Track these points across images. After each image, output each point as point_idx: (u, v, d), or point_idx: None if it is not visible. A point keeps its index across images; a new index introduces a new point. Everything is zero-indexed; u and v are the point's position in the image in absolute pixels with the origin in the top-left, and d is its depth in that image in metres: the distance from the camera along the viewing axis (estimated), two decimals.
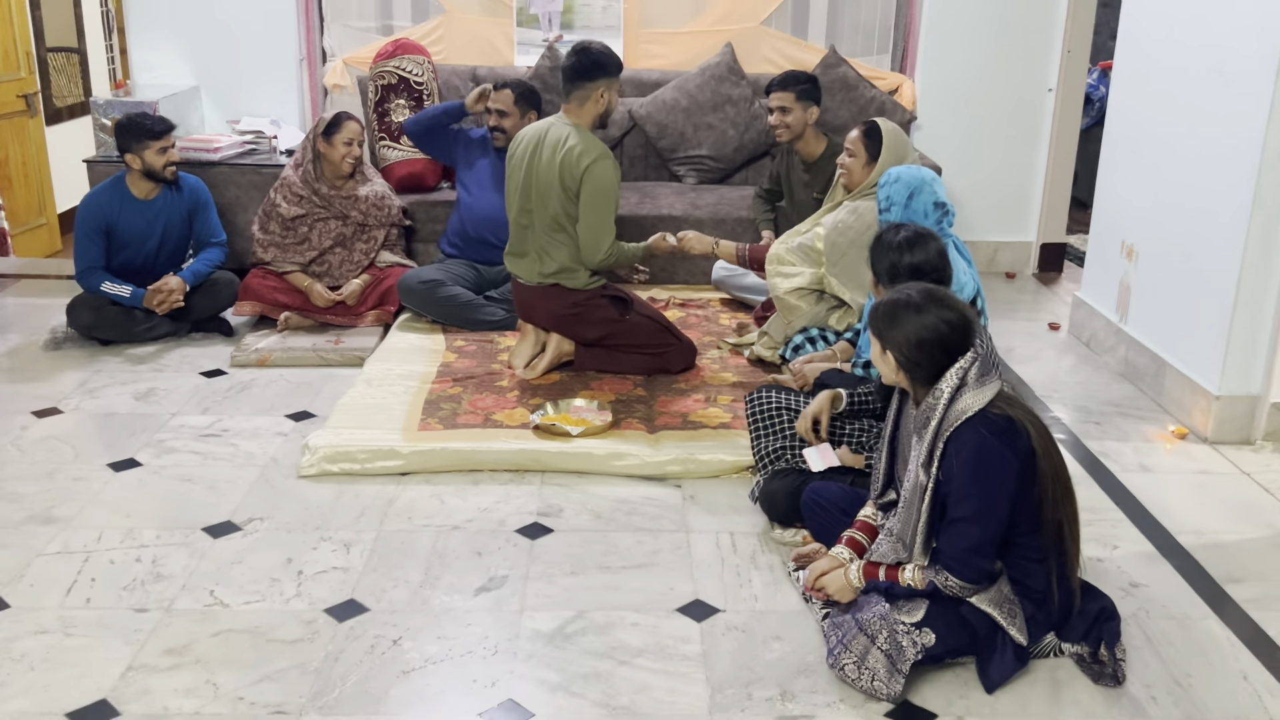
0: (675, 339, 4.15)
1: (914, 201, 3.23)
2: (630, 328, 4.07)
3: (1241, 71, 3.66)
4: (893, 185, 3.29)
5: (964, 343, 2.41)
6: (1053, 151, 5.67)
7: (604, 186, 3.83)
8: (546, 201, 3.88)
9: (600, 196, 3.83)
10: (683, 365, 4.13)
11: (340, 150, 4.58)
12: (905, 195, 3.24)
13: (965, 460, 2.34)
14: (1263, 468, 3.60)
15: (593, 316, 4.04)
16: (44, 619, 2.64)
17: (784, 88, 4.46)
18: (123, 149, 4.39)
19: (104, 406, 3.89)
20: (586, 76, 3.86)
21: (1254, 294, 3.67)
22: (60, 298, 4.83)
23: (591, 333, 4.07)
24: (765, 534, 3.09)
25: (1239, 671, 2.55)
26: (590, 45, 3.92)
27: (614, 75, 3.91)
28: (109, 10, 7.01)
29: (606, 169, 3.82)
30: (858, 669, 2.39)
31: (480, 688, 2.43)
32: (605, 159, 3.82)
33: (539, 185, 3.89)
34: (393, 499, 3.27)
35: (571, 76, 3.88)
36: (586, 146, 3.81)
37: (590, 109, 3.90)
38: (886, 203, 3.29)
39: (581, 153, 3.79)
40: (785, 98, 4.45)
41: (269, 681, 2.43)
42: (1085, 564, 2.90)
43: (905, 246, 2.90)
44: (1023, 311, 5.21)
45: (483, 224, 4.75)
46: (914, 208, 3.22)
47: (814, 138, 4.58)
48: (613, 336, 4.07)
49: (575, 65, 3.87)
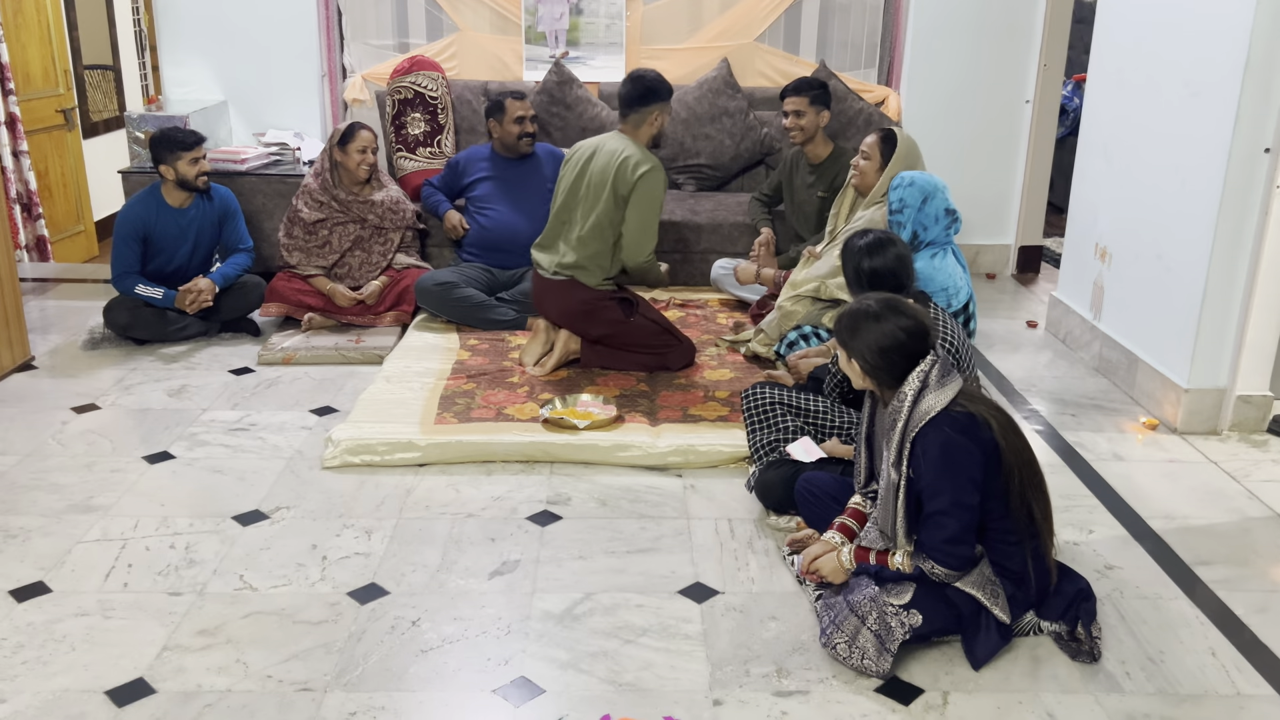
0: (676, 339, 4.14)
1: (928, 206, 3.21)
2: (633, 329, 4.07)
3: (1208, 84, 3.65)
4: (907, 189, 3.26)
5: (922, 347, 2.42)
6: (1030, 159, 5.66)
7: (653, 194, 3.88)
8: (595, 204, 3.91)
9: (649, 203, 3.89)
10: (683, 363, 4.13)
11: (355, 158, 4.58)
12: (919, 199, 3.22)
13: (933, 459, 2.35)
14: (1229, 456, 3.59)
15: (600, 315, 4.04)
16: (84, 602, 2.64)
17: (798, 93, 4.52)
18: (157, 161, 4.38)
19: (139, 402, 3.89)
20: (642, 102, 3.91)
21: (1221, 293, 3.67)
22: (97, 300, 4.83)
23: (596, 330, 4.07)
24: (761, 520, 3.09)
25: (1208, 648, 2.55)
26: (645, 74, 3.97)
27: (666, 99, 3.96)
28: (142, 30, 7.01)
29: (658, 179, 3.88)
30: (849, 648, 2.39)
31: (494, 665, 2.43)
32: (658, 171, 3.88)
33: (590, 187, 3.93)
34: (411, 489, 3.27)
35: (629, 101, 3.93)
36: (642, 158, 3.86)
37: (645, 130, 3.95)
38: (899, 204, 3.26)
39: (638, 163, 3.85)
40: (800, 102, 4.51)
41: (296, 660, 2.43)
42: (1060, 547, 2.91)
43: (866, 252, 2.91)
44: (1002, 310, 5.20)
45: (498, 236, 4.76)
46: (927, 212, 3.20)
47: (823, 141, 4.63)
48: (616, 336, 4.07)
49: (631, 92, 3.92)
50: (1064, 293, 4.76)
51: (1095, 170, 4.48)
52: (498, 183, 4.84)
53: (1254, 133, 3.50)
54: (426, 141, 5.29)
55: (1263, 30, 3.41)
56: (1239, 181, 3.55)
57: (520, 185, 4.85)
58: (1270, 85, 3.45)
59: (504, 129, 4.82)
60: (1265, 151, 3.51)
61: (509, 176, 4.85)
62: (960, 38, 5.51)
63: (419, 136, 5.28)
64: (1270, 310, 3.63)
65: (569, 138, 5.44)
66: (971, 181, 5.62)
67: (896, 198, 3.26)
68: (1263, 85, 3.45)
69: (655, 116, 3.94)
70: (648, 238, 3.95)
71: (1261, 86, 3.45)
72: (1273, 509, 3.24)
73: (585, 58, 5.67)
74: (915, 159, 3.85)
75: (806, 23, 5.75)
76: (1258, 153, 3.51)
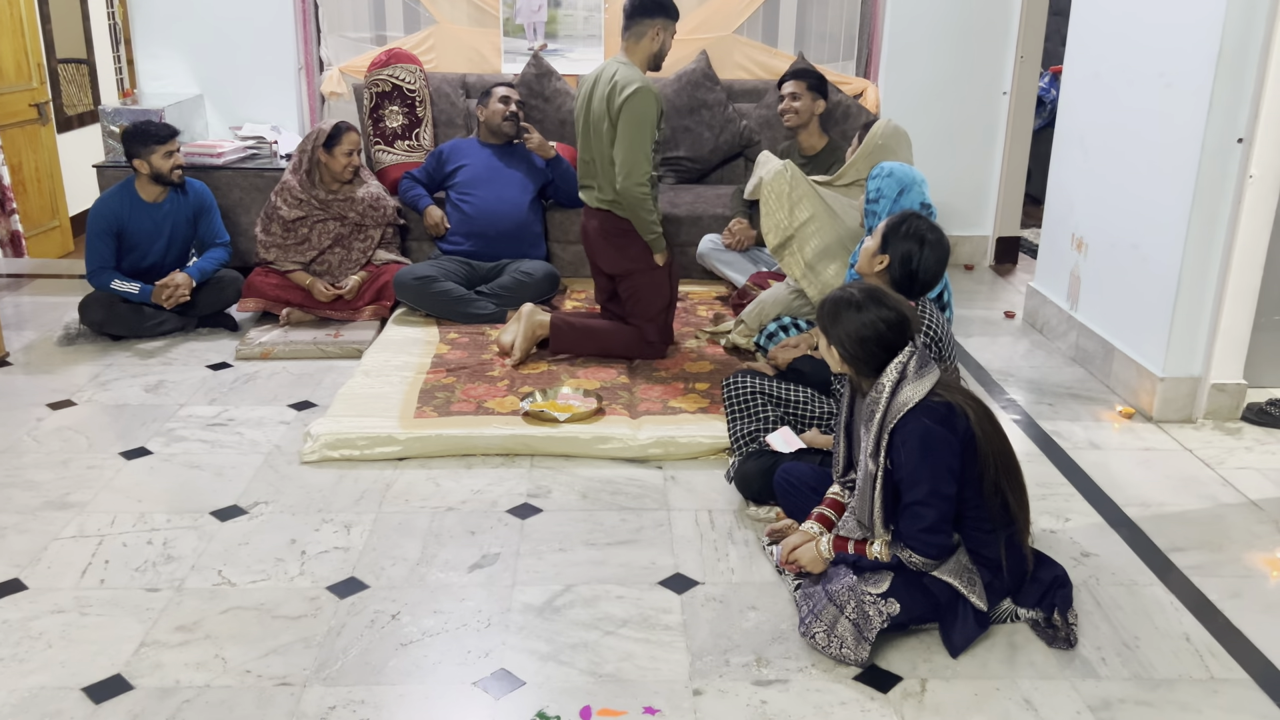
0: (665, 320, 4.09)
1: (904, 198, 3.22)
2: (649, 283, 4.00)
3: (1182, 75, 3.67)
4: (885, 179, 3.27)
5: (901, 339, 2.43)
6: (1007, 151, 5.68)
7: (639, 115, 3.71)
8: (600, 136, 3.84)
9: (635, 124, 3.72)
10: (654, 352, 4.09)
11: (341, 161, 4.56)
12: (896, 190, 3.23)
13: (911, 449, 2.36)
14: (1203, 444, 3.63)
15: (633, 248, 3.95)
16: (61, 599, 2.63)
17: (796, 77, 4.61)
18: (130, 155, 4.35)
19: (116, 398, 3.86)
20: (646, 13, 3.79)
21: (1195, 283, 3.70)
22: (73, 296, 4.79)
23: (620, 263, 3.99)
24: (741, 511, 3.10)
25: (1182, 633, 2.57)
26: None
27: (671, 17, 3.84)
28: (116, 23, 6.94)
29: (645, 99, 3.70)
30: (828, 637, 2.40)
31: (474, 658, 2.43)
32: (645, 91, 3.71)
33: (593, 121, 3.86)
34: (390, 483, 3.26)
35: (631, 12, 3.80)
36: (629, 79, 3.72)
37: (645, 46, 3.82)
38: (876, 193, 3.27)
39: (624, 85, 3.71)
40: (797, 85, 4.59)
41: (275, 655, 2.42)
42: (1037, 534, 2.93)
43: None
44: (980, 301, 5.23)
45: (482, 219, 4.75)
46: (902, 203, 3.21)
47: (818, 133, 4.69)
48: (630, 280, 4.00)
49: (636, 2, 3.79)
50: (1041, 283, 4.78)
51: (1072, 161, 4.51)
52: (482, 169, 4.83)
53: (1227, 123, 3.53)
54: (405, 135, 5.26)
55: (1235, 22, 3.44)
56: (1212, 172, 3.57)
57: (505, 171, 4.83)
58: (1243, 76, 3.48)
59: (489, 110, 4.82)
60: (1238, 142, 3.54)
61: (494, 163, 4.84)
62: (938, 30, 5.53)
63: (397, 130, 5.26)
64: (1243, 299, 3.66)
65: (548, 130, 5.43)
66: (949, 173, 5.65)
67: (874, 187, 3.27)
68: (1235, 76, 3.48)
69: (656, 32, 3.81)
70: (635, 161, 3.76)
71: (1234, 77, 3.48)
72: (1246, 496, 3.27)
73: (564, 50, 5.66)
74: (898, 145, 3.88)
75: (785, 15, 5.75)
76: (1231, 143, 3.54)
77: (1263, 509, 3.19)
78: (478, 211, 4.75)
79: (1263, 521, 3.12)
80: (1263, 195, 3.56)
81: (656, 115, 3.76)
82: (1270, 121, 3.48)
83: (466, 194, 4.80)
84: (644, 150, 3.77)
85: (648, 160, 3.79)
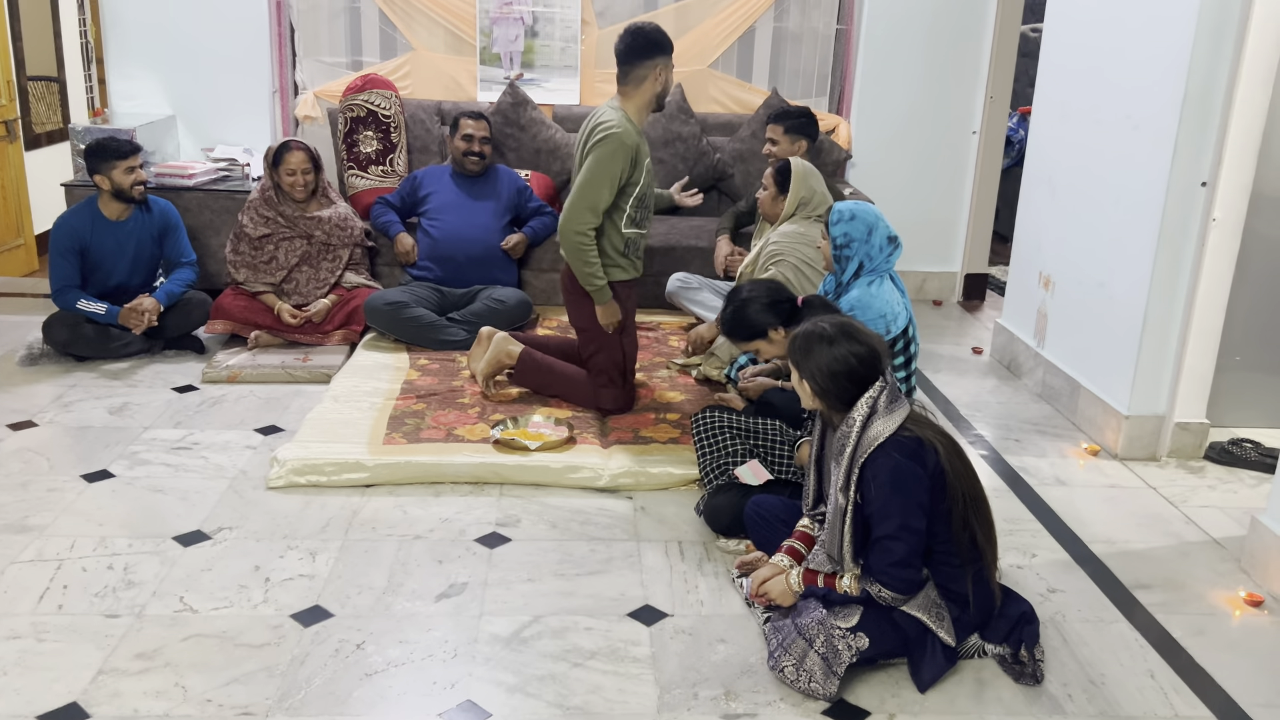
0: (622, 379, 3.90)
1: (873, 237, 3.22)
2: (604, 340, 3.83)
3: (1147, 118, 3.75)
4: (849, 223, 3.22)
5: (872, 374, 2.45)
6: (976, 189, 5.77)
7: (601, 158, 3.50)
8: None
9: (594, 166, 3.52)
10: (615, 408, 3.88)
11: (286, 180, 4.56)
12: (865, 232, 3.22)
13: (882, 484, 2.37)
14: (1167, 482, 3.67)
15: (584, 305, 3.79)
16: (17, 625, 2.57)
17: (776, 121, 4.63)
18: (92, 170, 4.31)
19: (78, 420, 3.80)
20: (644, 55, 3.58)
21: (1160, 323, 3.75)
22: (36, 315, 4.73)
23: (575, 318, 3.88)
24: (711, 543, 3.09)
25: (1147, 670, 2.59)
26: (644, 26, 3.63)
27: (668, 52, 3.63)
28: (88, 42, 6.90)
29: (613, 145, 3.49)
30: (796, 670, 2.40)
31: (440, 689, 2.40)
32: (617, 138, 3.49)
33: (578, 164, 3.67)
34: (357, 509, 3.22)
35: (627, 56, 3.59)
36: (611, 122, 3.53)
37: (648, 89, 3.62)
38: (844, 238, 3.22)
39: (602, 126, 3.53)
40: (775, 130, 4.62)
41: (237, 684, 2.38)
42: (1004, 570, 2.95)
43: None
44: (948, 336, 5.28)
45: (450, 244, 4.74)
46: (873, 243, 3.22)
47: None
48: (587, 333, 3.87)
49: (632, 45, 3.58)
50: (1009, 320, 4.84)
51: (1040, 200, 4.57)
52: (452, 196, 4.85)
53: (1191, 167, 3.60)
54: (379, 160, 5.26)
55: (1200, 67, 3.52)
56: (1177, 214, 3.64)
57: (474, 202, 4.84)
58: (1207, 121, 3.56)
59: (454, 144, 4.86)
60: (1202, 185, 3.61)
61: (464, 192, 4.87)
62: (909, 70, 5.62)
63: (371, 155, 5.25)
64: (1207, 339, 3.72)
65: (523, 159, 5.44)
66: (919, 209, 5.72)
67: (840, 232, 3.24)
68: (1200, 121, 3.56)
69: (658, 73, 3.61)
70: (580, 206, 3.55)
71: (1199, 122, 3.56)
72: (1209, 534, 3.31)
73: (540, 80, 5.69)
74: (814, 178, 4.07)
75: (759, 51, 5.81)
76: (1195, 186, 3.61)
77: (1225, 547, 3.22)
78: (445, 236, 4.75)
79: (1225, 560, 3.15)
80: (1226, 238, 3.63)
81: (623, 164, 3.54)
82: (1233, 166, 3.56)
83: (435, 220, 4.80)
84: (594, 199, 3.56)
85: (594, 213, 3.58)
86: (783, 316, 3.17)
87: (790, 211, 4.04)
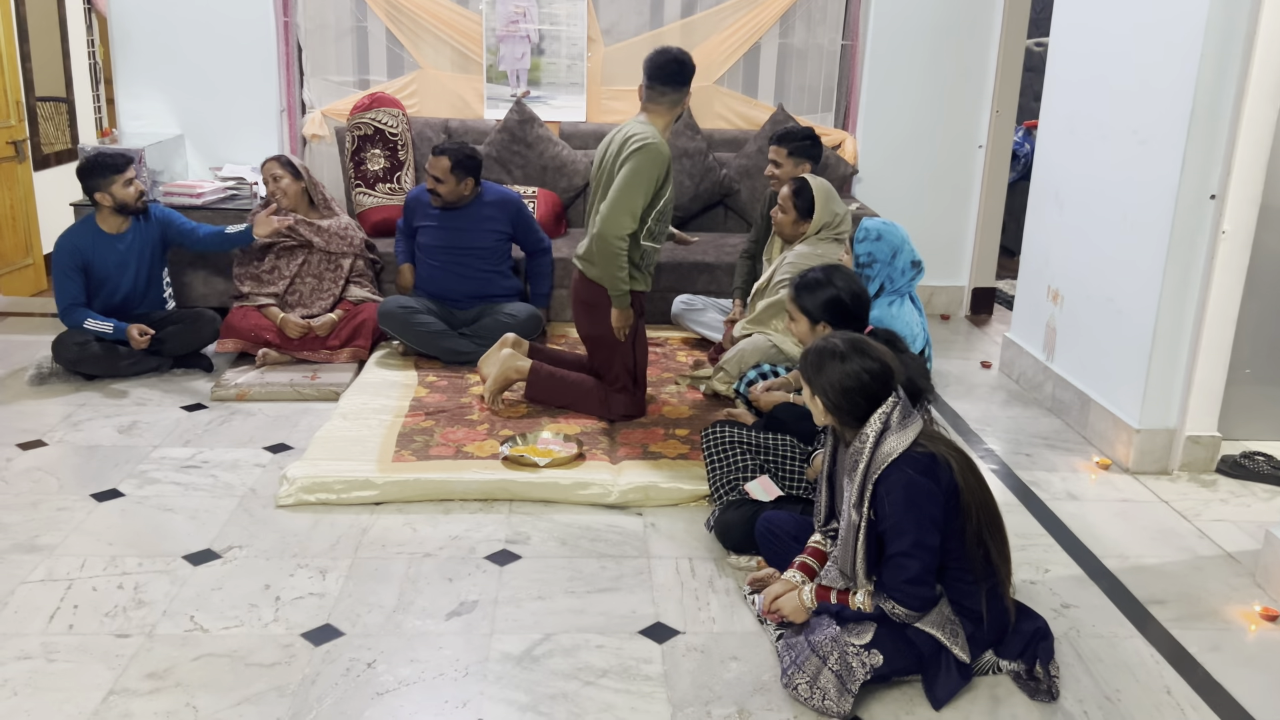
0: (634, 385, 3.98)
1: (897, 260, 3.23)
2: (616, 345, 3.90)
3: (1155, 131, 3.75)
4: (875, 243, 3.23)
5: (884, 390, 2.44)
6: (983, 203, 5.77)
7: (640, 166, 3.60)
8: (604, 191, 3.75)
9: (634, 174, 3.60)
10: (625, 413, 3.97)
11: (269, 189, 4.65)
12: (890, 254, 3.23)
13: (896, 500, 2.36)
14: (1179, 496, 3.65)
15: (599, 312, 3.86)
16: (27, 645, 2.56)
17: (778, 143, 4.51)
18: (91, 190, 4.31)
19: (88, 439, 3.80)
20: (684, 82, 3.71)
21: (1170, 336, 3.74)
22: (46, 334, 4.74)
23: (591, 326, 3.92)
24: (722, 559, 3.08)
25: (1163, 686, 2.57)
26: (686, 56, 3.71)
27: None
28: (97, 62, 6.94)
29: (653, 154, 3.60)
30: (810, 688, 2.38)
31: (451, 708, 2.39)
32: (656, 147, 3.61)
33: (603, 177, 3.76)
34: (367, 528, 3.22)
35: (669, 80, 3.68)
36: (644, 134, 3.63)
37: (676, 111, 3.75)
38: (868, 258, 3.23)
39: (636, 138, 3.63)
40: (778, 152, 4.49)
41: (248, 704, 2.37)
42: (1018, 586, 2.93)
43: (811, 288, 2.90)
44: (957, 351, 5.27)
45: (445, 280, 4.66)
46: (896, 265, 3.23)
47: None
48: (600, 341, 3.92)
49: (678, 72, 3.68)
50: (1017, 334, 4.83)
51: (1047, 214, 4.57)
52: (438, 233, 4.67)
53: (1200, 180, 3.59)
54: (386, 178, 5.28)
55: (1207, 81, 3.51)
56: (1186, 227, 3.63)
57: (458, 238, 4.65)
58: (1215, 134, 3.55)
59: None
60: (1211, 198, 3.60)
61: (449, 226, 4.66)
62: (914, 84, 5.63)
63: (378, 173, 5.27)
64: (1218, 352, 3.71)
65: (530, 176, 5.46)
66: (926, 224, 5.72)
67: (864, 251, 3.26)
68: (1208, 134, 3.55)
69: (687, 98, 3.76)
70: (620, 210, 3.63)
71: (1207, 135, 3.55)
72: (1223, 548, 3.29)
73: (546, 97, 5.71)
74: (835, 200, 3.99)
75: (765, 67, 5.83)
76: (1204, 199, 3.61)
77: (1239, 561, 3.20)
78: (442, 275, 4.67)
79: (1239, 574, 3.13)
80: (1235, 251, 3.62)
81: (659, 173, 3.65)
82: (1242, 178, 3.55)
83: (427, 259, 4.71)
84: (633, 204, 3.63)
85: (633, 218, 3.65)
86: (838, 321, 3.08)
87: (813, 233, 3.98)
